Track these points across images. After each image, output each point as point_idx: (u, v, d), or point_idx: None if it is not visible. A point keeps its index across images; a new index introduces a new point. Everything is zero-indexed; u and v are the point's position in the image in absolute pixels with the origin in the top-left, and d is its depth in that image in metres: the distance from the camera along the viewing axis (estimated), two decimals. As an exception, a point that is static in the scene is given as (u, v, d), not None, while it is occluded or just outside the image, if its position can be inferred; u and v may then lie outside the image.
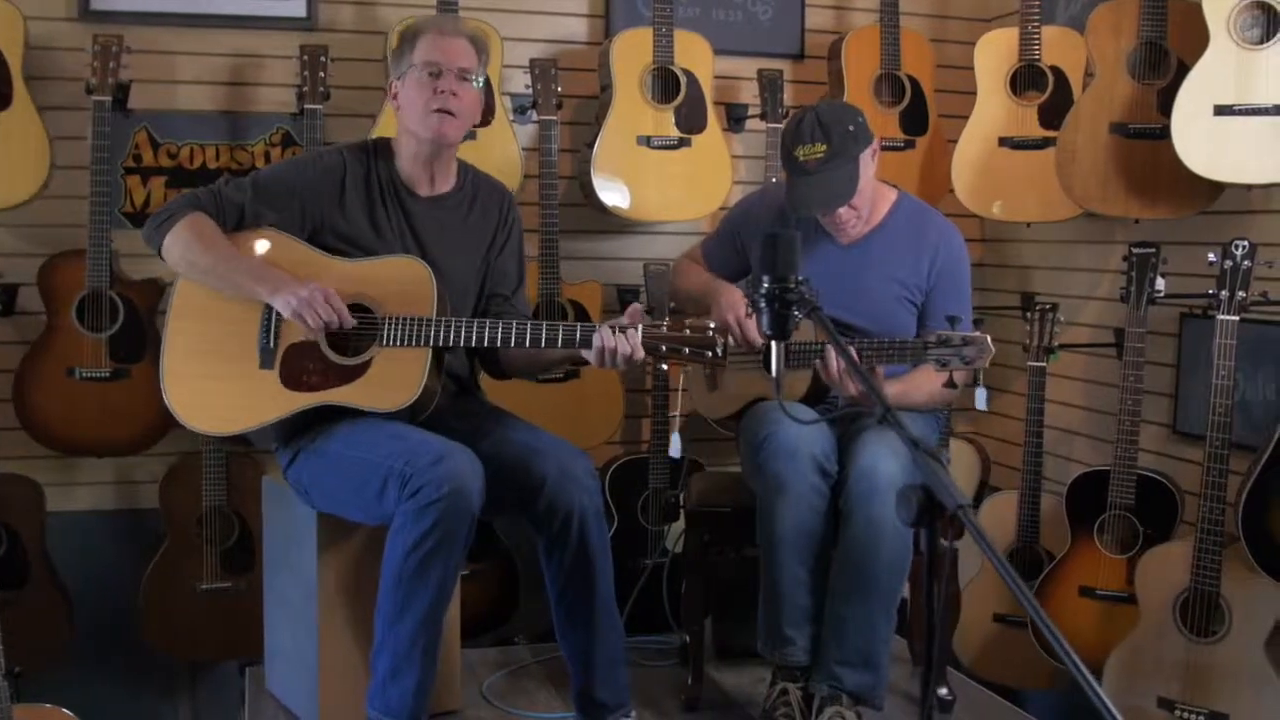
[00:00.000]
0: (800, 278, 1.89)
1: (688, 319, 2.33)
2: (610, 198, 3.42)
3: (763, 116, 3.58)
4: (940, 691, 2.84)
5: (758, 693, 2.80)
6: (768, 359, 2.02)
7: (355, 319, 2.40)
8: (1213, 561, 2.73)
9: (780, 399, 1.93)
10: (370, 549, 2.49)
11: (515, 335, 2.38)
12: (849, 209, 2.68)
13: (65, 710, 2.42)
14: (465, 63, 2.49)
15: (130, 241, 3.16)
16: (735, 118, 3.73)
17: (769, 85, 3.57)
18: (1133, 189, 3.04)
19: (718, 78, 3.60)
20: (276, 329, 2.45)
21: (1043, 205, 3.34)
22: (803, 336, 2.56)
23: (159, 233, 2.45)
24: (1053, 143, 3.20)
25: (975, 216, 3.57)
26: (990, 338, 2.45)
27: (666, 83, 3.46)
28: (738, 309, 2.62)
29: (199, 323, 2.49)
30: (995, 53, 3.38)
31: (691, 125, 3.47)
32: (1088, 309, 3.55)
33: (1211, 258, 2.74)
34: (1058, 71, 3.33)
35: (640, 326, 2.29)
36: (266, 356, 2.45)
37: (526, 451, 2.44)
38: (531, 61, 3.42)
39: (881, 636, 2.54)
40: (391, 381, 2.40)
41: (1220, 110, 2.77)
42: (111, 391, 3.16)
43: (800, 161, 2.62)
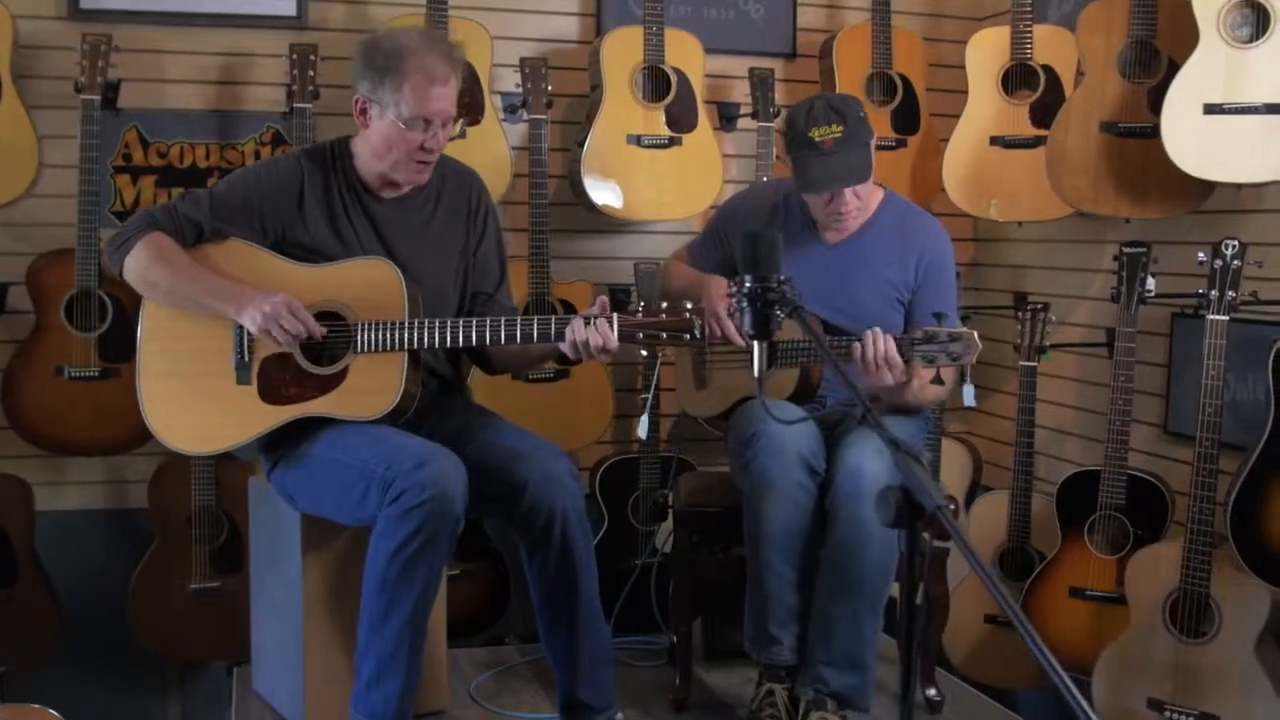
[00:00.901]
0: (782, 277, 1.88)
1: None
2: (601, 197, 3.41)
3: (754, 115, 3.57)
4: (929, 692, 2.83)
5: (746, 693, 2.79)
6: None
7: (326, 327, 2.38)
8: (1202, 562, 2.72)
9: (763, 398, 1.92)
10: (355, 550, 2.48)
11: (490, 333, 2.37)
12: (854, 196, 2.68)
13: (51, 711, 2.41)
14: (453, 110, 2.43)
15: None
16: (727, 116, 3.73)
17: (760, 84, 3.56)
18: (1123, 188, 3.02)
19: (709, 76, 3.60)
20: (249, 343, 2.42)
21: (1034, 204, 3.32)
22: (792, 335, 2.56)
23: (118, 255, 2.42)
24: (1044, 142, 3.19)
25: (967, 216, 3.56)
26: (977, 334, 2.44)
27: (657, 82, 3.45)
28: (727, 301, 2.61)
29: (171, 343, 2.46)
30: (987, 52, 3.37)
31: (682, 124, 3.46)
32: (1080, 309, 3.54)
33: (1201, 257, 2.74)
34: (1049, 70, 3.32)
35: (616, 317, 2.28)
36: (242, 372, 2.43)
37: (509, 453, 2.43)
38: (522, 60, 3.41)
39: (868, 637, 2.53)
40: (369, 388, 2.38)
41: (1210, 109, 2.76)
42: (100, 391, 3.15)
43: (817, 142, 2.61)
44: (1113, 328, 3.03)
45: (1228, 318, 2.70)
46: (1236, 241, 2.70)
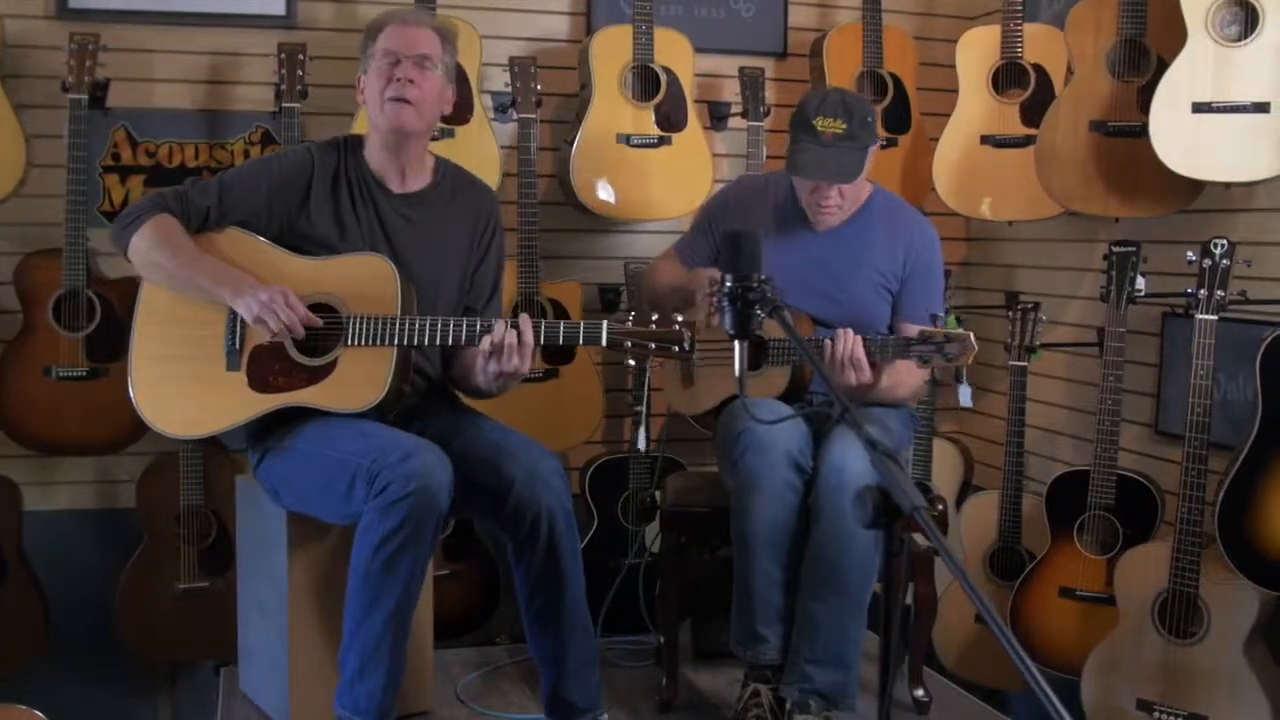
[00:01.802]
0: (764, 276, 1.88)
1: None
2: (590, 196, 3.41)
3: (745, 114, 3.56)
4: (917, 693, 2.82)
5: (733, 694, 2.78)
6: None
7: (320, 319, 2.38)
8: (1191, 562, 2.71)
9: (744, 397, 1.92)
10: (341, 550, 2.47)
11: (466, 332, 2.37)
12: (837, 194, 2.70)
13: (36, 711, 2.40)
14: (425, 49, 2.47)
15: (108, 240, 3.13)
16: (717, 116, 3.71)
17: (751, 83, 3.55)
18: (1112, 187, 3.02)
19: (699, 75, 3.59)
20: (242, 331, 2.43)
21: (1025, 204, 3.32)
22: (782, 332, 2.55)
23: (125, 234, 2.44)
24: (1034, 141, 3.18)
25: (958, 215, 3.56)
26: (974, 335, 2.44)
27: (647, 81, 3.44)
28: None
29: (165, 326, 2.48)
30: (977, 50, 3.36)
31: (672, 123, 3.45)
32: (1070, 308, 3.54)
33: (1190, 256, 2.73)
34: (1040, 69, 3.31)
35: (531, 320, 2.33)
36: (233, 359, 2.44)
37: (496, 453, 2.42)
38: (511, 60, 3.40)
39: (852, 635, 2.52)
40: (357, 381, 2.38)
41: (1198, 108, 2.75)
42: (88, 390, 3.15)
43: (818, 130, 2.63)
44: (1103, 327, 3.03)
45: (1216, 317, 2.69)
46: (1225, 241, 2.70)
